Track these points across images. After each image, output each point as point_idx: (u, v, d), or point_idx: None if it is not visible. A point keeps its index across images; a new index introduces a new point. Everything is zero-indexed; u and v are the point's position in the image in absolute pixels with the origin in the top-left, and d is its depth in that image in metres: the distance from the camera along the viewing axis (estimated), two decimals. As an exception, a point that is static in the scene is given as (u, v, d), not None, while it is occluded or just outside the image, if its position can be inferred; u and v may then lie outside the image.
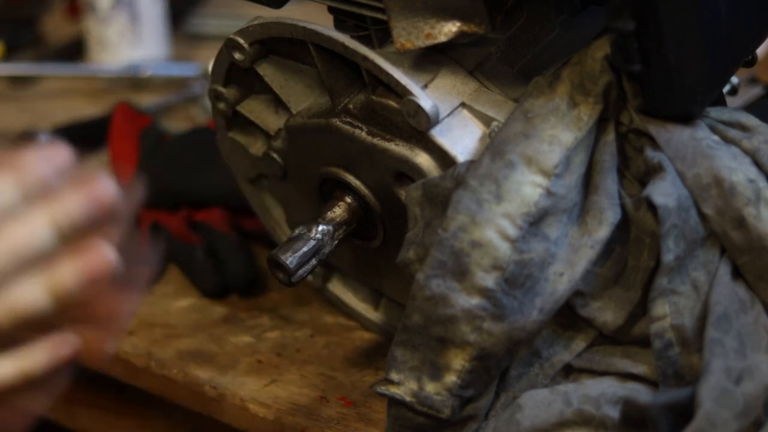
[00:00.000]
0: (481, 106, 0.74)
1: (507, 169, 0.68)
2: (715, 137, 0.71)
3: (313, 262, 0.77)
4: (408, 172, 0.74)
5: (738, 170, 0.68)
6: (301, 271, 0.77)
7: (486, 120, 0.73)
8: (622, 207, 0.69)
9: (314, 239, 0.77)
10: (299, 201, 0.85)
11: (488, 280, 0.66)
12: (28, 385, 0.58)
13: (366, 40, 0.77)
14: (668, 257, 0.68)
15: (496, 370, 0.70)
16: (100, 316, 0.59)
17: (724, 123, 0.72)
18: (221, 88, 0.83)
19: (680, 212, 0.68)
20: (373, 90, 0.75)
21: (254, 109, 0.84)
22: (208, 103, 0.87)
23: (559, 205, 0.68)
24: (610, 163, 0.70)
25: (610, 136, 0.70)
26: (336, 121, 0.77)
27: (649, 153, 0.70)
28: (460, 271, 0.67)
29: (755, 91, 0.97)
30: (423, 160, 0.73)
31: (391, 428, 0.72)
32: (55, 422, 1.03)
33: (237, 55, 0.80)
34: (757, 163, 0.70)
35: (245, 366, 0.86)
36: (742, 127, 0.72)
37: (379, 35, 0.78)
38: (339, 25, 0.79)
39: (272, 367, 0.85)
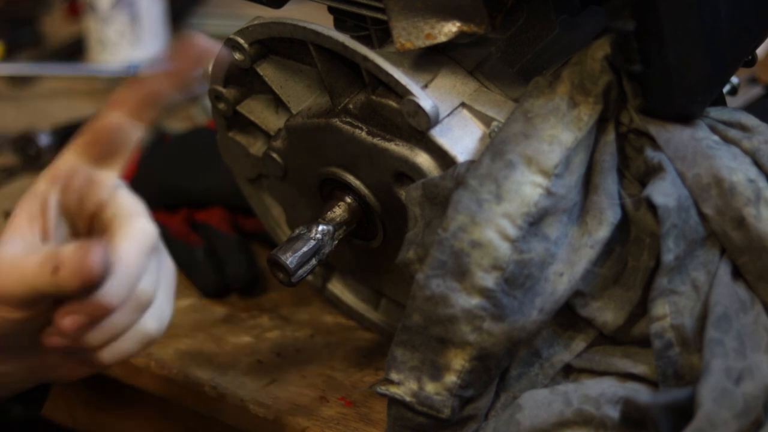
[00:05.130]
0: (481, 106, 0.74)
1: (507, 169, 0.67)
2: (715, 137, 0.71)
3: (313, 262, 0.77)
4: (408, 172, 0.74)
5: (738, 170, 0.68)
6: (301, 271, 0.77)
7: (486, 120, 0.73)
8: (622, 207, 0.69)
9: (314, 239, 0.77)
10: (299, 201, 0.85)
11: (488, 280, 0.66)
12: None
13: (366, 40, 0.77)
14: (668, 257, 0.68)
15: (496, 370, 0.70)
16: None
17: (724, 123, 0.72)
18: (221, 88, 0.83)
19: (680, 212, 0.68)
20: (373, 90, 0.75)
21: (254, 109, 0.84)
22: (208, 103, 0.87)
23: (559, 205, 0.68)
24: (610, 163, 0.70)
25: (610, 136, 0.70)
26: (336, 121, 0.77)
27: (649, 153, 0.69)
28: (460, 271, 0.67)
29: (755, 91, 0.97)
30: (423, 160, 0.73)
31: (391, 428, 0.71)
32: (55, 422, 1.03)
33: (237, 55, 0.80)
34: (757, 163, 0.70)
35: (245, 366, 0.86)
36: (742, 127, 0.72)
37: (379, 35, 0.77)
38: (339, 25, 0.79)
39: (272, 367, 0.85)
